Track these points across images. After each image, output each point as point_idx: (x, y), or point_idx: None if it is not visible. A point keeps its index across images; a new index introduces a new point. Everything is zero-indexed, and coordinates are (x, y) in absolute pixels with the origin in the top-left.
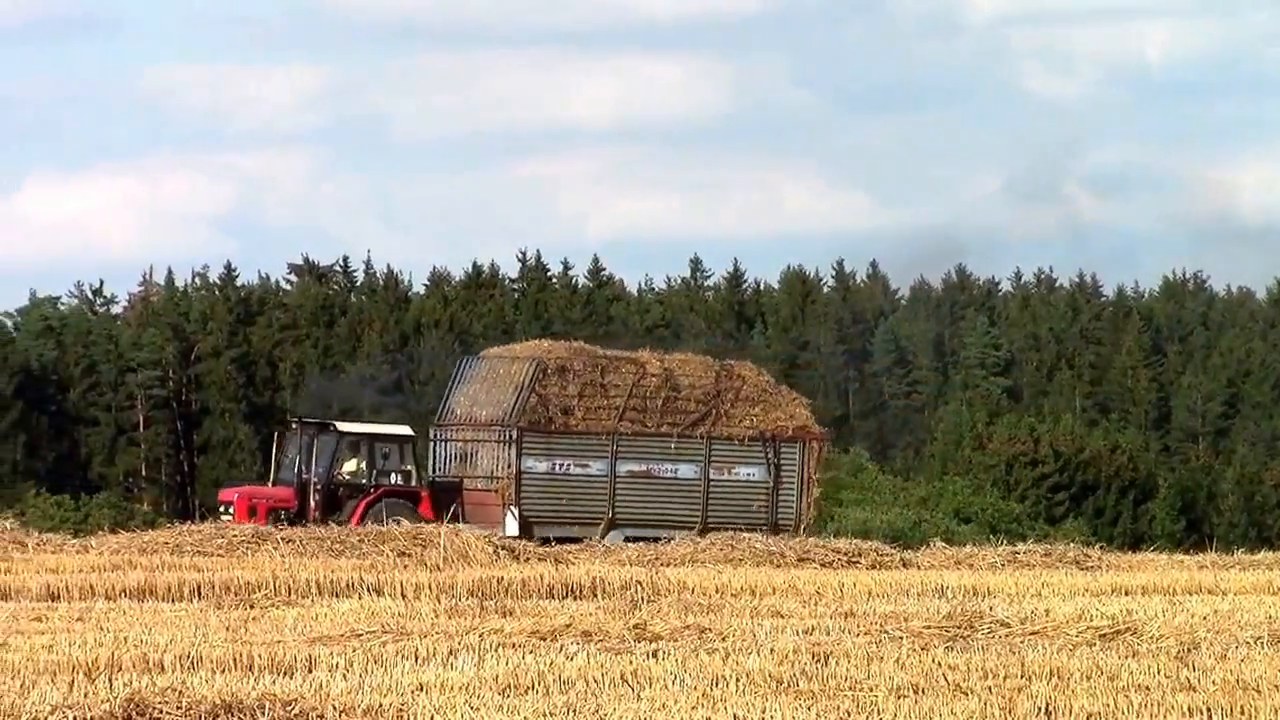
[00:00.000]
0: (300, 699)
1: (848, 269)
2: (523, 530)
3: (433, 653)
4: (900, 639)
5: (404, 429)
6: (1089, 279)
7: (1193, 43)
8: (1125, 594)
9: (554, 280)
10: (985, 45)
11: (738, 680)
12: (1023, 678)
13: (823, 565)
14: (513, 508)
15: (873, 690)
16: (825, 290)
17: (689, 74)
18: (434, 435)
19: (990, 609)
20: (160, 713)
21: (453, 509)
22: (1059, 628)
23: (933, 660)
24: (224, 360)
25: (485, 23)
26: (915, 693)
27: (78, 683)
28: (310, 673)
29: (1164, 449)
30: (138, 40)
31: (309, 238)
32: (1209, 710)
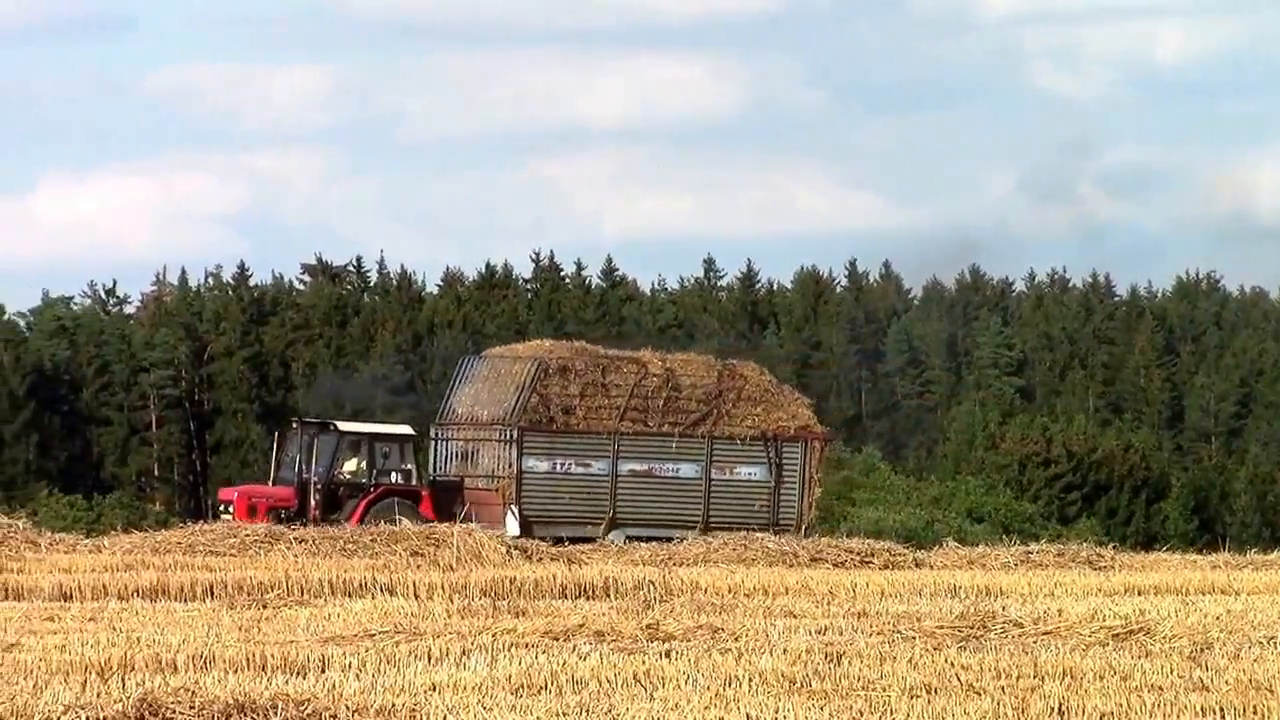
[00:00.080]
0: (313, 699)
1: (861, 269)
2: (523, 530)
3: (445, 653)
4: (913, 639)
5: (404, 428)
6: (1102, 279)
7: (1206, 42)
8: (1138, 594)
9: (567, 280)
10: (997, 45)
11: (750, 680)
12: (1035, 678)
13: (835, 565)
14: (513, 507)
15: (885, 690)
16: (838, 290)
17: (702, 74)
18: (435, 434)
19: (1003, 609)
20: (173, 713)
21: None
22: (1072, 628)
23: (945, 660)
24: (237, 360)
25: (498, 23)
26: (928, 692)
27: (90, 683)
28: (323, 673)
29: (1177, 449)
30: (150, 40)
31: (322, 237)
32: (1222, 710)
